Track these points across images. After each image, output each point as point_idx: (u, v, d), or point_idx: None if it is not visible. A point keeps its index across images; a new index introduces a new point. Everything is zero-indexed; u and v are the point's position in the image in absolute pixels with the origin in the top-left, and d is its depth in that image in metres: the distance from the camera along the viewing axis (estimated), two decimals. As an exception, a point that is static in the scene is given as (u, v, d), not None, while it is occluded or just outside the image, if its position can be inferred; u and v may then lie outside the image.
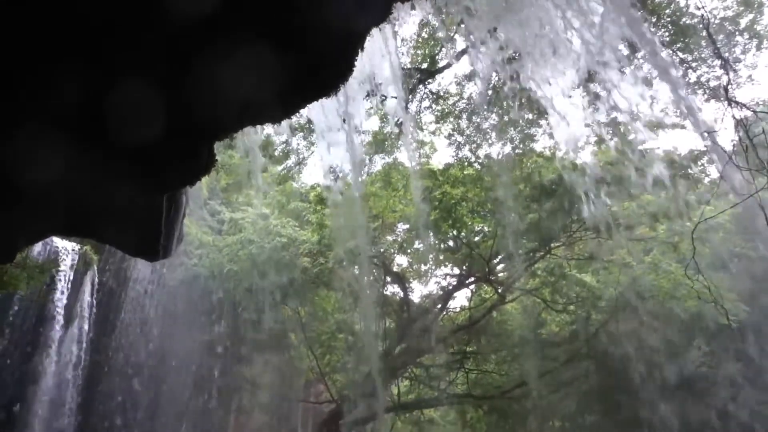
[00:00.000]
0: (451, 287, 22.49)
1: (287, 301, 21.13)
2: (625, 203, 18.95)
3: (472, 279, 22.08)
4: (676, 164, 17.78)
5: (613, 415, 22.74)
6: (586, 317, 21.21)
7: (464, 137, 19.60)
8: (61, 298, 14.17)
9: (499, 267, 22.26)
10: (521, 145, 19.42)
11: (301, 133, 18.68)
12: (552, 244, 20.63)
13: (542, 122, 18.08)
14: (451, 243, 21.01)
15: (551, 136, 18.33)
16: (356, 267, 21.75)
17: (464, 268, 21.72)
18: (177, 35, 4.82)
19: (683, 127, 16.92)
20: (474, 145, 19.68)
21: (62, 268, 13.98)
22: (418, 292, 32.10)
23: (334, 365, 23.32)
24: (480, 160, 19.76)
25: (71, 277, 14.62)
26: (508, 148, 19.35)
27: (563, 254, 21.50)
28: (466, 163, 19.62)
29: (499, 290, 21.17)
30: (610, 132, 17.26)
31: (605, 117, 16.63)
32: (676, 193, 17.37)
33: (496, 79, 16.89)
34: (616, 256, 19.56)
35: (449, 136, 19.73)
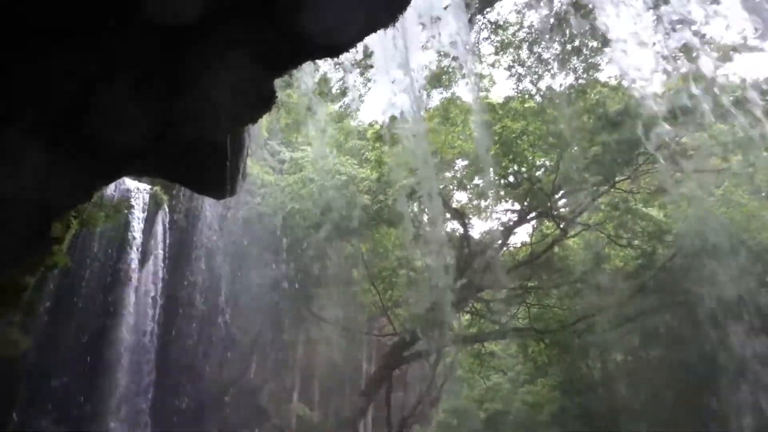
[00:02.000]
0: (511, 223, 22.32)
1: (348, 238, 21.54)
2: (696, 133, 18.04)
3: (534, 214, 21.80)
4: (751, 91, 16.68)
5: (677, 350, 22.44)
6: (651, 252, 20.69)
7: (525, 68, 18.96)
8: (136, 237, 14.96)
9: (561, 202, 21.87)
10: (585, 75, 18.63)
11: (358, 70, 18.49)
12: (617, 178, 20.00)
13: (607, 50, 17.24)
14: (511, 178, 20.69)
15: (617, 64, 17.48)
16: (415, 204, 21.87)
17: (525, 203, 21.42)
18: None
19: (761, 50, 15.76)
20: (535, 77, 19.05)
21: (135, 208, 14.70)
22: (478, 228, 32.05)
23: (396, 300, 23.83)
24: (541, 92, 19.14)
25: (144, 217, 15.36)
26: (570, 79, 18.63)
27: (628, 188, 20.86)
28: (526, 96, 19.06)
29: (561, 225, 20.85)
30: (681, 58, 16.29)
31: (675, 42, 15.68)
32: (752, 121, 16.35)
33: (558, 5, 16.09)
34: (685, 188, 18.81)
35: (509, 67, 19.13)
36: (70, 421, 14.54)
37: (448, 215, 23.08)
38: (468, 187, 22.88)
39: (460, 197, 24.09)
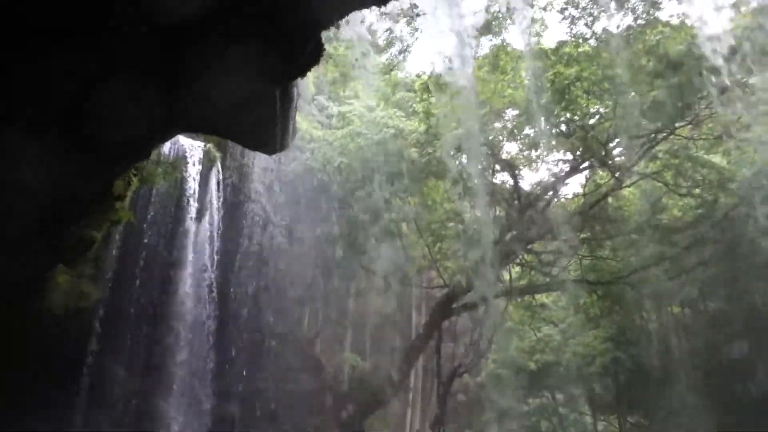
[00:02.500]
0: (563, 173, 21.80)
1: (397, 191, 21.52)
2: (764, 74, 17.02)
3: (587, 164, 21.19)
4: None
5: (738, 302, 21.84)
6: (713, 201, 19.93)
7: (579, 10, 18.15)
8: (191, 193, 15.38)
9: (616, 150, 21.13)
10: (644, 15, 17.67)
11: (405, 19, 18.09)
12: (676, 124, 19.16)
13: (669, -14, 16.24)
14: (564, 127, 20.07)
15: (680, 1, 16.51)
16: (464, 156, 21.58)
17: (578, 152, 20.82)
18: None
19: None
20: (590, 19, 18.22)
21: (190, 165, 15.06)
22: (528, 179, 31.49)
23: (445, 252, 23.86)
24: (596, 35, 18.33)
25: (198, 174, 15.73)
26: (629, 19, 17.74)
27: (689, 134, 19.98)
28: (580, 40, 18.27)
29: (616, 175, 20.22)
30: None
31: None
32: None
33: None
34: (751, 133, 17.88)
35: (562, 10, 18.33)
36: (139, 368, 15.39)
37: (497, 167, 22.74)
38: (518, 137, 22.38)
39: (510, 148, 23.65)
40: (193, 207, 15.43)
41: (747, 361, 20.29)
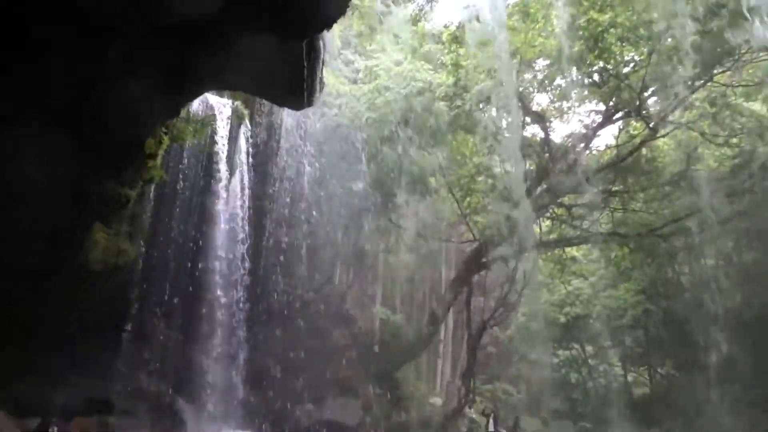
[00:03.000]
0: (595, 124, 21.34)
1: (426, 146, 21.37)
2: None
3: (620, 114, 20.66)
4: None
5: (775, 254, 21.43)
6: (750, 150, 19.35)
7: (613, -48, 17.37)
8: (221, 151, 15.50)
9: (651, 100, 20.55)
10: (682, -44, 16.85)
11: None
12: (715, 71, 18.47)
13: None
14: (596, 77, 19.55)
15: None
16: (493, 108, 21.23)
17: (611, 102, 20.28)
18: None
19: None
20: (625, -39, 17.42)
21: (219, 122, 15.12)
22: (559, 132, 30.91)
23: (475, 207, 23.77)
24: (632, -22, 17.54)
25: (227, 131, 15.81)
26: (666, -39, 16.90)
27: (728, 81, 19.27)
28: (615, -16, 17.54)
29: (651, 125, 19.69)
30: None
31: None
32: None
33: None
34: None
35: (595, -48, 17.57)
36: (177, 322, 15.91)
37: (527, 119, 22.33)
38: (549, 88, 21.87)
39: (540, 100, 23.17)
40: (223, 164, 15.56)
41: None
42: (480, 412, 26.35)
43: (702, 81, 18.50)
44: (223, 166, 15.46)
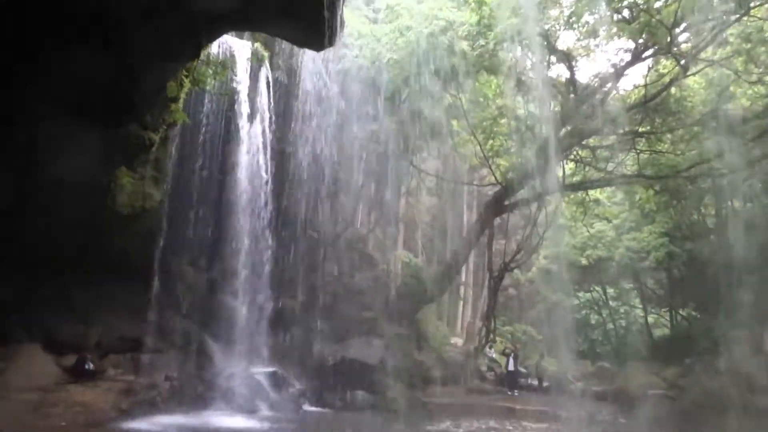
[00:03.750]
0: (623, 63, 20.63)
1: (448, 87, 20.99)
2: None
3: (650, 52, 19.93)
4: None
5: (805, 194, 20.97)
6: (787, 87, 18.69)
7: None
8: (242, 94, 15.43)
9: (683, 36, 19.71)
10: None
11: None
12: (752, 3, 17.61)
13: None
14: (626, 12, 18.79)
15: None
16: (518, 48, 20.63)
17: (641, 39, 19.51)
18: None
19: None
20: None
21: (239, 65, 15.00)
22: (585, 72, 30.07)
23: (497, 150, 23.51)
24: None
25: (248, 74, 15.70)
26: None
27: (765, 15, 18.38)
28: None
29: (681, 63, 19.00)
30: None
31: None
32: None
33: None
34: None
35: None
36: (203, 265, 16.32)
37: (553, 58, 21.68)
38: (576, 25, 21.05)
39: (566, 38, 22.44)
40: (244, 107, 15.52)
41: None
42: (500, 352, 26.88)
43: (738, 15, 17.67)
44: (244, 109, 15.43)
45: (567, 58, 21.07)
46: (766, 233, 20.40)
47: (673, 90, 20.25)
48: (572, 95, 21.40)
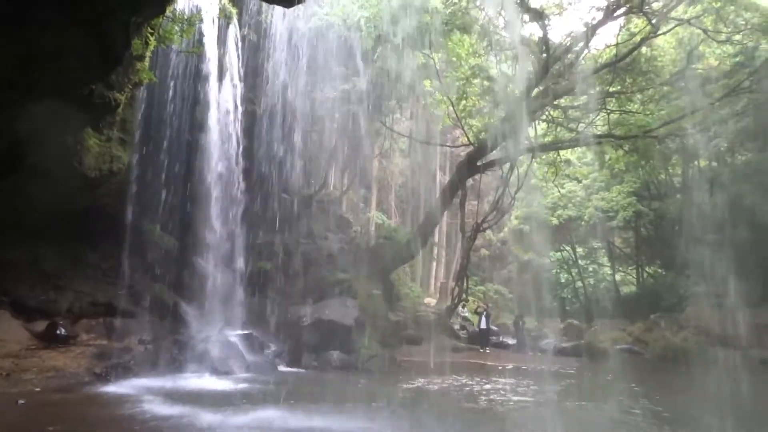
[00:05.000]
0: (595, 21, 20.57)
1: (420, 47, 20.71)
2: None
3: (622, 10, 19.90)
4: None
5: (766, 153, 21.52)
6: (753, 47, 18.93)
7: None
8: (210, 53, 15.00)
9: (655, -6, 19.75)
10: None
11: None
12: (722, -38, 17.69)
13: None
14: (599, -30, 18.69)
15: None
16: (491, 6, 20.41)
17: (613, -2, 19.52)
18: None
19: None
20: None
21: (206, 22, 14.53)
22: (558, 31, 29.95)
23: (470, 110, 23.43)
24: None
25: (216, 33, 15.24)
26: None
27: (735, -26, 18.47)
28: None
29: (653, 21, 19.04)
30: None
31: None
32: None
33: None
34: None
35: None
36: (176, 228, 16.08)
37: (525, 17, 21.49)
38: (550, -18, 20.90)
39: (540, -6, 22.17)
40: (213, 66, 15.12)
41: (756, 210, 20.27)
42: (473, 311, 27.42)
43: (708, -27, 17.76)
44: (213, 69, 15.02)
45: (540, 16, 20.90)
46: (730, 192, 20.95)
47: (643, 50, 20.36)
48: (545, 55, 21.32)
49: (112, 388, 10.51)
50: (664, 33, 20.04)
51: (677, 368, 19.37)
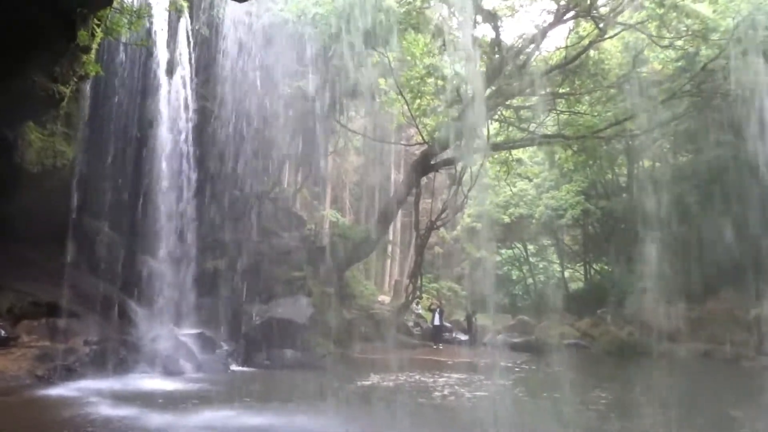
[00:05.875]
0: (546, 24, 21.09)
1: (374, 45, 20.74)
2: None
3: (571, 14, 20.46)
4: None
5: (706, 154, 22.46)
6: (694, 53, 19.74)
7: None
8: (160, 46, 14.62)
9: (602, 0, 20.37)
10: None
11: None
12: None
13: None
14: (549, -27, 19.13)
15: None
16: (445, 6, 20.62)
17: (563, 1, 20.03)
18: None
19: None
20: None
21: (156, 15, 14.16)
22: (510, 32, 30.56)
23: (424, 109, 23.62)
24: None
25: (166, 25, 14.87)
26: None
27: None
28: None
29: (600, 25, 19.64)
30: None
31: None
32: None
33: None
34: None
35: None
36: (124, 226, 15.63)
37: (479, 18, 21.83)
38: (502, -16, 21.29)
39: (493, -3, 22.58)
40: (163, 60, 14.74)
41: (711, 212, 21.19)
42: (426, 308, 27.66)
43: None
44: (162, 63, 14.65)
45: (492, 17, 21.28)
46: (671, 192, 21.78)
47: (591, 53, 20.99)
48: (497, 56, 21.71)
49: (56, 391, 10.15)
50: (611, 37, 20.69)
51: (622, 362, 20.07)
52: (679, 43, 19.84)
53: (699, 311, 21.61)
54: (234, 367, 14.95)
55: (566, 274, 33.59)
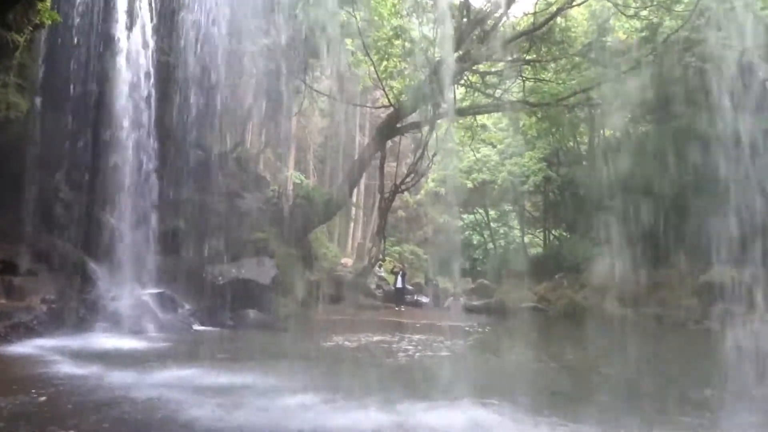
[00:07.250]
0: (515, -11, 21.04)
1: (342, 5, 20.37)
2: None
3: (541, -21, 20.46)
4: None
5: (665, 125, 22.97)
6: (658, 23, 20.02)
7: None
8: (119, -1, 14.06)
9: (572, -35, 20.37)
10: None
11: None
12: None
13: None
14: (520, -63, 18.99)
15: None
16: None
17: (532, -33, 19.99)
18: None
19: None
20: None
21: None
22: (478, -4, 30.38)
23: (391, 71, 23.44)
24: None
25: (126, -26, 14.26)
26: None
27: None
28: None
29: (568, -7, 19.72)
30: None
31: None
32: None
33: None
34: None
35: None
36: (82, 184, 15.20)
37: (449, -20, 21.62)
38: (472, -54, 21.04)
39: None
40: (122, 11, 14.16)
41: (667, 182, 21.80)
42: (389, 271, 27.99)
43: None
44: (122, 16, 14.08)
45: (462, -20, 21.09)
46: (629, 161, 22.29)
47: (559, 20, 21.05)
48: (465, 19, 21.59)
49: (13, 348, 9.99)
50: (578, 4, 20.81)
51: (577, 324, 20.79)
52: (644, 13, 20.07)
53: (652, 277, 22.41)
54: (197, 327, 14.92)
55: (526, 239, 34.32)
